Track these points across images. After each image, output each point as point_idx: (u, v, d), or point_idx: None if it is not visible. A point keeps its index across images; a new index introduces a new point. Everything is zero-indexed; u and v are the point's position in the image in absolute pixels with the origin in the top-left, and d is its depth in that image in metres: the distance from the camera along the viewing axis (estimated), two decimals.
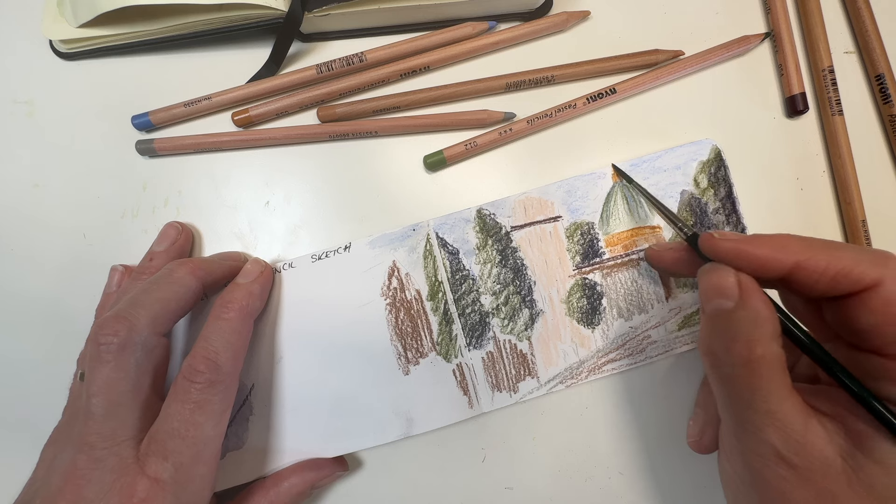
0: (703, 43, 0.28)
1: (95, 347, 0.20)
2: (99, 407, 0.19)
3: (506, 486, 0.27)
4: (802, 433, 0.16)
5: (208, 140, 0.27)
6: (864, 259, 0.17)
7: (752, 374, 0.16)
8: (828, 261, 0.17)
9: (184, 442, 0.20)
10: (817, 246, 0.18)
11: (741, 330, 0.17)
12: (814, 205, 0.28)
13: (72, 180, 0.28)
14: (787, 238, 0.18)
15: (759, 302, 0.17)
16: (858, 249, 0.17)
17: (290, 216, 0.28)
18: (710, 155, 0.27)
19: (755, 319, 0.17)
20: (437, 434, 0.26)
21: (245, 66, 0.28)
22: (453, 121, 0.27)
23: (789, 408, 0.16)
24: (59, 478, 0.19)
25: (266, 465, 0.25)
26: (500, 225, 0.26)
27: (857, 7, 0.28)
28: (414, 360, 0.26)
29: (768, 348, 0.16)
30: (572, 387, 0.26)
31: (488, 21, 0.28)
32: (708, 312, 0.18)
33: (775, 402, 0.16)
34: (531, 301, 0.26)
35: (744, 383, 0.16)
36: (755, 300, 0.17)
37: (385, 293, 0.26)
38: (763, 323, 0.17)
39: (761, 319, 0.17)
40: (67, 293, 0.27)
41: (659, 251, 0.23)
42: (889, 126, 0.28)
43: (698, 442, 0.24)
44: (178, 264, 0.23)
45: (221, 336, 0.22)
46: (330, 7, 0.26)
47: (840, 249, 0.17)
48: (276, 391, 0.25)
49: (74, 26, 0.27)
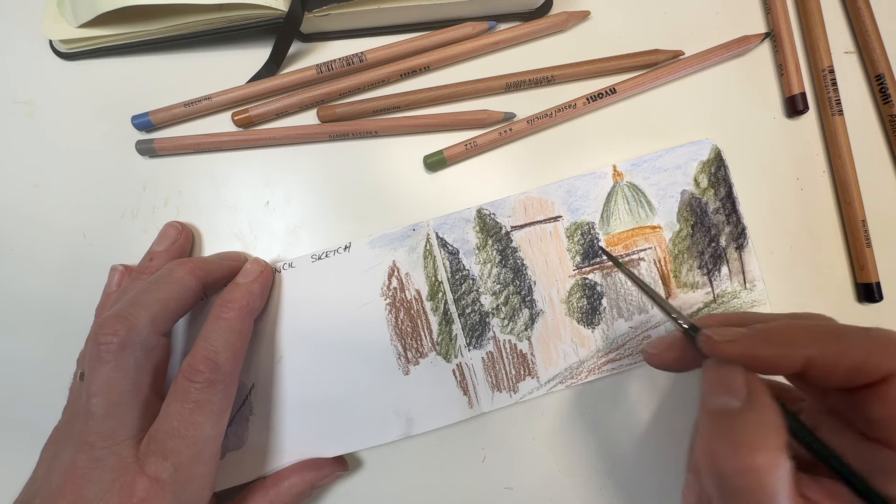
0: (703, 43, 0.28)
1: (95, 347, 0.20)
2: (99, 406, 0.19)
3: (506, 486, 0.27)
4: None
5: (208, 140, 0.27)
6: (876, 350, 0.16)
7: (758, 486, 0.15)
8: (838, 354, 0.16)
9: (183, 441, 0.20)
10: (825, 338, 0.16)
11: (747, 434, 0.15)
12: (814, 205, 0.28)
13: (72, 180, 0.28)
14: (793, 331, 0.17)
15: (766, 404, 0.16)
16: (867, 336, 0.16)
17: (290, 216, 0.28)
18: (711, 155, 0.27)
19: (763, 423, 0.16)
20: (437, 434, 0.26)
21: (245, 66, 0.28)
22: (453, 121, 0.27)
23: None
24: (59, 477, 0.19)
25: (266, 464, 0.25)
26: (500, 225, 0.26)
27: (857, 7, 0.28)
28: (414, 360, 0.26)
29: (777, 458, 0.15)
30: (572, 387, 0.26)
31: (488, 21, 0.28)
32: (710, 409, 0.17)
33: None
34: (531, 301, 0.26)
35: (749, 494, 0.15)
36: (763, 401, 0.16)
37: (385, 293, 0.26)
38: (771, 428, 0.15)
39: (769, 424, 0.15)
40: (67, 293, 0.27)
41: (657, 353, 0.21)
42: (889, 126, 0.28)
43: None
44: (177, 264, 0.23)
45: (221, 336, 0.22)
46: (330, 7, 0.26)
47: (849, 339, 0.16)
48: (276, 391, 0.25)
49: (74, 26, 0.27)
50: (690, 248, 0.26)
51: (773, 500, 0.15)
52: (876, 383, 0.16)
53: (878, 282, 0.26)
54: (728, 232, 0.27)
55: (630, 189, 0.27)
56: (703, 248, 0.26)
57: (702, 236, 0.26)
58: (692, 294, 0.26)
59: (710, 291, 0.26)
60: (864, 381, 0.16)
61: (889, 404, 0.16)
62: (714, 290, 0.26)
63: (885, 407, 0.16)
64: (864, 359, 0.16)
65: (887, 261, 0.27)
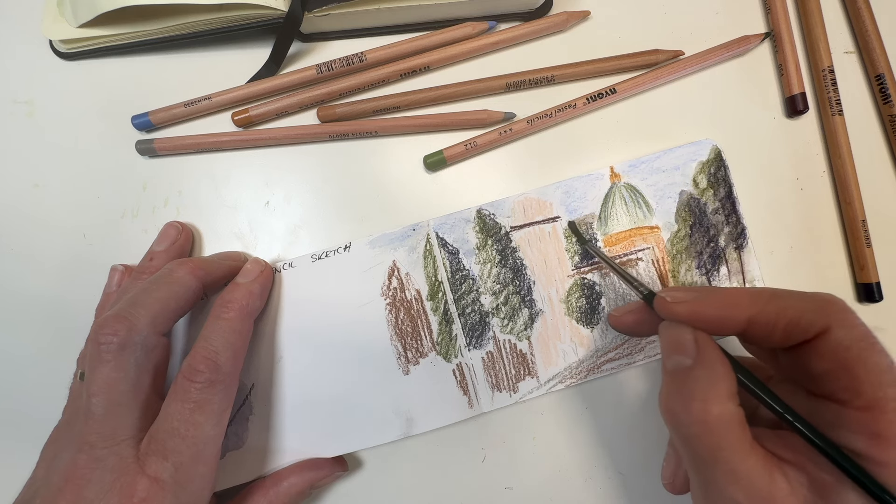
0: (703, 43, 0.28)
1: (95, 347, 0.20)
2: (99, 406, 0.19)
3: (506, 486, 0.27)
4: (767, 489, 0.16)
5: (208, 140, 0.27)
6: (809, 308, 0.17)
7: (712, 434, 0.16)
8: (776, 313, 0.17)
9: (184, 441, 0.20)
10: (764, 298, 0.18)
11: (698, 388, 0.17)
12: (814, 205, 0.28)
13: (72, 180, 0.28)
14: (738, 293, 0.18)
15: (715, 359, 0.17)
16: (803, 297, 0.18)
17: (290, 216, 0.28)
18: (710, 155, 0.27)
19: (711, 377, 0.17)
20: (437, 434, 0.26)
21: (245, 66, 0.28)
22: (453, 121, 0.27)
23: (752, 465, 0.16)
24: (59, 477, 0.19)
25: (266, 464, 0.25)
26: (499, 225, 0.26)
27: (857, 7, 0.28)
28: (414, 360, 0.26)
29: (725, 407, 0.16)
30: (572, 386, 0.26)
31: (488, 21, 0.28)
32: (668, 369, 0.18)
33: (737, 461, 0.16)
34: (531, 301, 0.26)
35: (704, 443, 0.16)
36: (712, 357, 0.17)
37: (385, 293, 0.26)
38: (719, 380, 0.17)
39: (717, 377, 0.17)
40: (67, 293, 0.27)
41: (620, 315, 0.23)
42: (889, 126, 0.28)
43: (672, 484, 0.23)
44: (177, 264, 0.23)
45: (221, 336, 0.22)
46: (330, 7, 0.26)
47: (786, 299, 0.18)
48: (276, 391, 0.25)
49: (74, 26, 0.27)
50: (689, 248, 0.26)
51: (727, 445, 0.16)
52: (812, 340, 0.17)
53: (878, 282, 0.26)
54: (727, 232, 0.27)
55: (627, 190, 0.27)
56: (702, 248, 0.26)
57: (700, 236, 0.26)
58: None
59: None
60: (801, 338, 0.17)
61: (825, 358, 0.17)
62: None
63: (822, 361, 0.17)
64: (799, 316, 0.17)
65: (887, 261, 0.27)
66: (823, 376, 0.17)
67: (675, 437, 0.18)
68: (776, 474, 0.16)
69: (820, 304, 0.17)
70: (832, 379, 0.16)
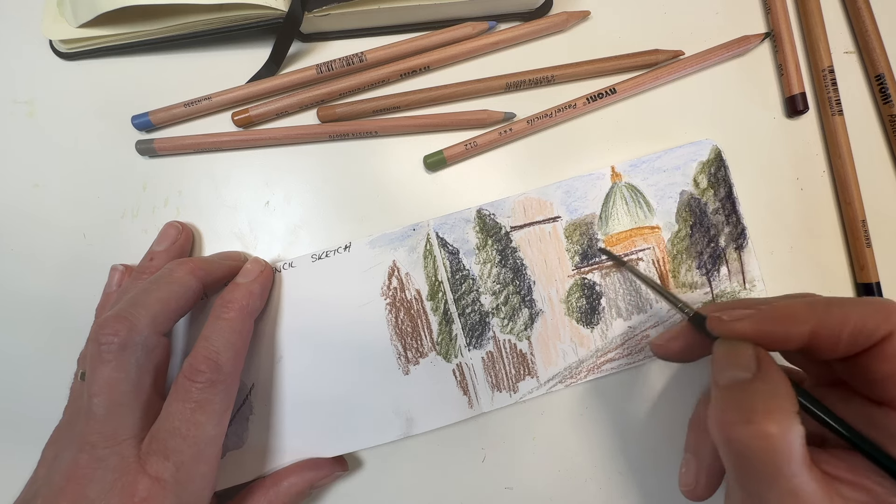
0: (703, 43, 0.28)
1: (96, 347, 0.20)
2: (100, 406, 0.19)
3: (506, 486, 0.27)
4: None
5: (208, 140, 0.27)
6: (870, 312, 0.16)
7: (773, 451, 0.15)
8: (839, 323, 0.17)
9: (185, 441, 0.20)
10: (826, 309, 0.17)
11: (760, 402, 0.16)
12: (814, 205, 0.28)
13: (72, 180, 0.28)
14: (794, 307, 0.18)
15: (776, 373, 0.17)
16: (861, 303, 0.17)
17: (290, 216, 0.28)
18: (710, 155, 0.27)
19: (773, 392, 0.16)
20: (437, 434, 0.26)
21: (245, 66, 0.28)
22: (453, 121, 0.27)
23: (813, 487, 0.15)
24: (60, 477, 0.19)
25: (266, 464, 0.25)
26: (499, 225, 0.26)
27: (857, 7, 0.28)
28: (414, 360, 0.26)
29: (790, 423, 0.15)
30: (572, 386, 0.26)
31: (488, 21, 0.28)
32: (722, 384, 0.17)
33: (798, 482, 0.15)
34: (531, 301, 0.26)
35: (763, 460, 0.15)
36: (772, 371, 0.17)
37: (385, 293, 0.26)
38: (781, 395, 0.16)
39: (779, 392, 0.16)
40: (67, 293, 0.27)
41: (664, 343, 0.22)
42: (889, 126, 0.28)
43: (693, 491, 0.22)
44: (177, 264, 0.23)
45: (222, 336, 0.22)
46: (330, 7, 0.26)
47: (848, 307, 0.17)
48: (277, 391, 0.25)
49: (74, 26, 0.27)
50: (689, 248, 0.26)
51: (788, 464, 0.15)
52: (876, 345, 0.16)
53: (878, 282, 0.26)
54: (727, 232, 0.27)
55: (628, 190, 0.27)
56: (703, 249, 0.26)
57: (701, 236, 0.27)
58: (691, 294, 0.26)
59: (708, 291, 0.26)
60: (866, 344, 0.17)
61: (890, 360, 0.16)
62: (713, 290, 0.26)
63: (887, 364, 0.16)
64: (863, 323, 0.16)
65: (887, 261, 0.27)
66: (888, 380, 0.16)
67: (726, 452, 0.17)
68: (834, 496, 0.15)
69: (881, 308, 0.17)
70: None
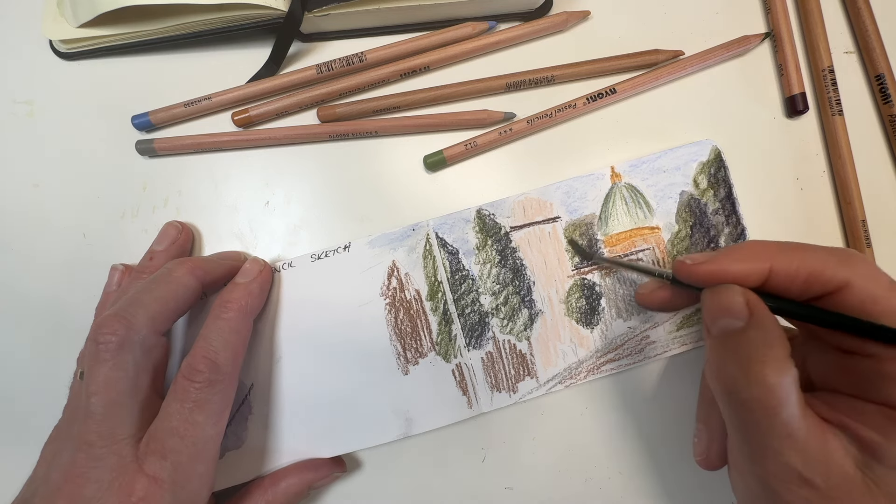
0: (703, 43, 0.28)
1: (94, 346, 0.20)
2: (98, 406, 0.19)
3: (506, 486, 0.27)
4: (823, 452, 0.15)
5: (208, 140, 0.27)
6: (831, 260, 0.17)
7: (772, 398, 0.15)
8: (798, 263, 0.17)
9: (183, 441, 0.20)
10: (787, 249, 0.18)
11: (755, 351, 0.16)
12: (814, 205, 0.28)
13: (72, 180, 0.28)
14: (758, 245, 0.18)
15: (768, 319, 0.17)
16: (826, 250, 0.17)
17: (290, 216, 0.28)
18: (710, 155, 0.27)
19: (768, 339, 0.16)
20: (436, 434, 0.26)
21: (245, 66, 0.28)
22: (453, 121, 0.27)
23: (808, 428, 0.15)
24: (58, 476, 0.19)
25: (264, 464, 0.25)
26: (499, 225, 0.26)
27: (857, 7, 0.28)
28: (413, 360, 0.26)
29: (786, 369, 0.16)
30: (571, 387, 0.26)
31: (488, 21, 0.28)
32: (715, 334, 0.17)
33: (795, 425, 0.15)
34: (530, 301, 0.26)
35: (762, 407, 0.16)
36: (765, 318, 0.17)
37: (384, 293, 0.26)
38: (775, 342, 0.16)
39: (774, 338, 0.16)
40: (67, 292, 0.27)
41: (648, 293, 0.22)
42: (889, 126, 0.28)
43: (706, 459, 0.22)
44: (177, 263, 0.23)
45: (221, 335, 0.22)
46: (330, 7, 0.26)
47: (808, 251, 0.17)
48: (275, 391, 0.25)
49: (74, 26, 0.27)
50: (689, 248, 0.26)
51: (785, 407, 0.15)
52: (835, 294, 0.17)
53: None
54: (728, 233, 0.26)
55: (628, 190, 0.27)
56: (703, 249, 0.26)
57: (701, 237, 0.26)
58: None
59: None
60: (821, 291, 0.17)
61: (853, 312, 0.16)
62: None
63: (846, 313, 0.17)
64: (821, 268, 0.17)
65: (887, 261, 0.27)
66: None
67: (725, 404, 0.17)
68: (828, 436, 0.16)
69: (843, 257, 0.17)
70: None
